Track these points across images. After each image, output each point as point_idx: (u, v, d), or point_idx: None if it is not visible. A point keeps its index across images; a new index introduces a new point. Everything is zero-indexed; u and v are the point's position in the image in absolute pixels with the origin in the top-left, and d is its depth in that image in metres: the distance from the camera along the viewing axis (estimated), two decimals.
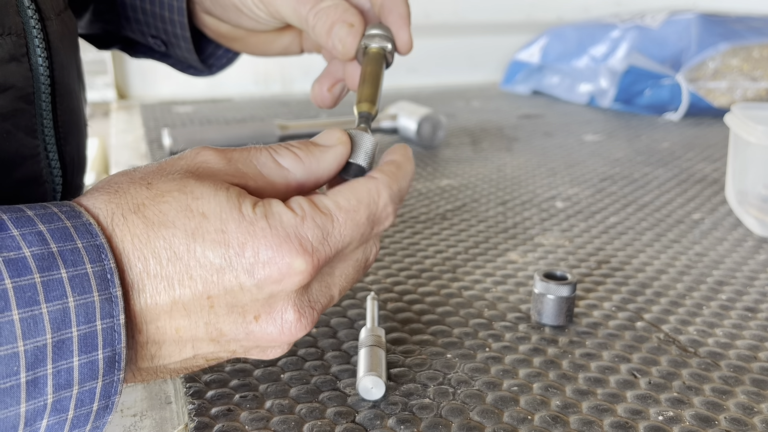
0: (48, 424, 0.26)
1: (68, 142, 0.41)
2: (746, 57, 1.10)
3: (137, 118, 1.09)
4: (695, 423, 0.34)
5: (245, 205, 0.28)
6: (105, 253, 0.26)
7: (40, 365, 0.24)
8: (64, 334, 0.25)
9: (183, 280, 0.28)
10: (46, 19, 0.38)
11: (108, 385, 0.26)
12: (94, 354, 0.26)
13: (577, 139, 0.97)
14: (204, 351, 0.30)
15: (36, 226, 0.26)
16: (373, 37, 0.45)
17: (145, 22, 0.55)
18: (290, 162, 0.32)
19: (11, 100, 0.36)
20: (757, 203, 0.62)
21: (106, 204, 0.28)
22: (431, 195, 0.70)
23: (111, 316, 0.26)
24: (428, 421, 0.33)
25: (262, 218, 0.28)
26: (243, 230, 0.28)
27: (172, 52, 0.57)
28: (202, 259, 0.28)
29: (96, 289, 0.26)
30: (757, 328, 0.43)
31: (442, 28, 1.46)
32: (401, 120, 0.90)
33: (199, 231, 0.28)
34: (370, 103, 0.41)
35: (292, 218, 0.29)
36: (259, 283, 0.28)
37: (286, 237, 0.28)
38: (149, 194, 0.28)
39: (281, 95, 1.32)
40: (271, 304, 0.29)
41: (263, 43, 0.55)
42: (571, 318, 0.44)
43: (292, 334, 0.30)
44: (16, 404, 0.24)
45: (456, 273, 0.51)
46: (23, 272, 0.24)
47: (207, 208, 0.28)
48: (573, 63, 1.25)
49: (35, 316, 0.24)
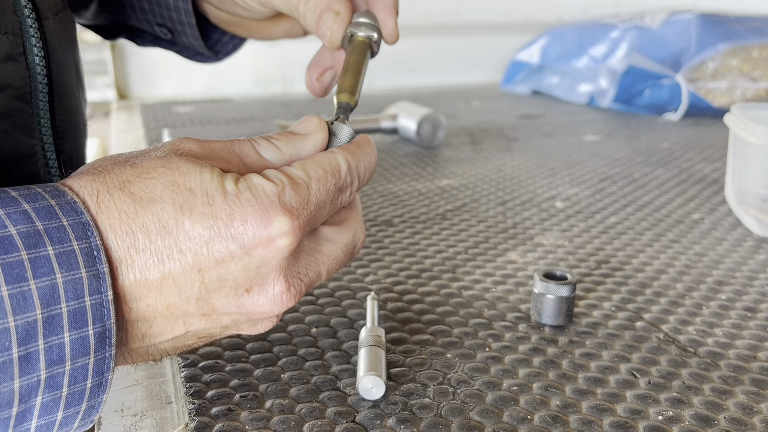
0: (43, 401, 0.26)
1: (66, 142, 0.41)
2: (746, 57, 1.10)
3: (137, 118, 1.09)
4: (695, 423, 0.34)
5: (228, 181, 0.29)
6: (90, 230, 0.27)
7: (32, 340, 0.25)
8: (54, 309, 0.25)
9: (172, 253, 0.28)
10: (43, 18, 0.38)
11: (100, 361, 0.27)
12: (84, 330, 0.26)
13: (576, 139, 0.97)
14: (196, 327, 0.30)
15: (21, 206, 0.26)
16: (359, 26, 0.45)
17: (150, 11, 0.55)
18: (271, 153, 0.33)
19: (8, 99, 0.36)
20: (757, 203, 0.62)
21: (91, 183, 0.28)
22: (431, 195, 0.70)
23: (99, 292, 0.26)
24: (428, 420, 0.33)
25: (246, 190, 0.29)
26: (230, 202, 0.29)
27: (178, 40, 0.57)
28: (191, 232, 0.28)
29: (83, 266, 0.26)
30: (756, 328, 0.44)
31: (442, 28, 1.46)
32: (401, 120, 0.90)
33: (187, 205, 0.28)
34: (350, 94, 0.41)
35: (274, 188, 0.30)
36: (247, 249, 0.29)
37: (271, 204, 0.29)
38: (134, 172, 0.29)
39: (281, 95, 1.32)
40: (262, 275, 0.30)
41: (265, 27, 0.56)
42: (570, 318, 0.44)
43: (283, 304, 0.31)
44: (9, 380, 0.24)
45: (456, 273, 0.51)
46: (10, 249, 0.25)
47: (193, 183, 0.29)
48: (573, 63, 1.25)
49: (24, 292, 0.24)
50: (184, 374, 0.37)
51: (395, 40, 0.47)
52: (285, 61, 1.34)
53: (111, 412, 0.36)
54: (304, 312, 0.44)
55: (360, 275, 0.50)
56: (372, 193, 0.71)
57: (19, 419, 0.25)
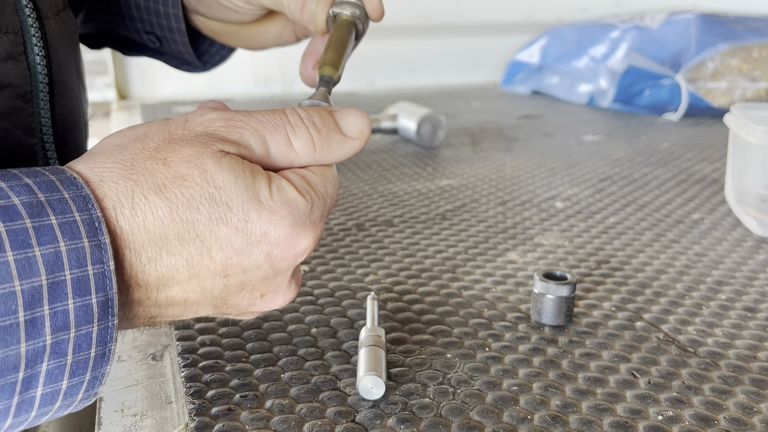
0: (48, 368, 0.26)
1: (67, 141, 0.42)
2: (746, 57, 1.10)
3: (138, 118, 1.09)
4: (695, 423, 0.34)
5: (263, 191, 0.30)
6: (91, 203, 0.27)
7: (37, 305, 0.25)
8: (58, 276, 0.25)
9: (203, 259, 0.29)
10: (44, 18, 0.38)
11: (103, 330, 0.27)
12: (87, 298, 0.26)
13: (576, 139, 0.97)
14: (201, 312, 0.32)
15: (22, 180, 0.26)
16: (342, 5, 0.45)
17: (139, 18, 0.55)
18: (303, 147, 0.32)
19: (9, 99, 0.36)
20: (757, 203, 0.62)
21: (125, 180, 0.28)
22: (431, 195, 0.70)
23: (101, 262, 0.27)
24: (428, 420, 0.33)
25: (282, 206, 0.30)
26: (264, 219, 0.30)
27: (166, 48, 0.57)
28: (225, 244, 0.29)
29: (85, 236, 0.26)
30: (756, 328, 0.44)
31: (443, 28, 1.46)
32: (401, 120, 0.90)
33: (223, 219, 0.29)
34: (333, 68, 0.41)
35: (305, 206, 0.31)
36: (273, 262, 0.31)
37: (303, 224, 0.31)
38: (168, 174, 0.29)
39: (281, 95, 1.32)
40: (278, 284, 0.32)
41: (255, 35, 0.55)
42: (570, 318, 0.44)
43: (286, 303, 0.33)
44: (16, 343, 0.25)
45: (456, 273, 0.51)
46: (14, 218, 0.25)
47: (230, 198, 0.29)
48: (573, 63, 1.25)
49: (29, 258, 0.25)
50: (184, 374, 0.37)
51: (380, 16, 0.47)
52: (285, 61, 1.34)
53: (111, 412, 0.36)
54: (304, 312, 0.44)
55: (360, 275, 0.50)
56: (372, 193, 0.71)
57: (25, 385, 0.26)
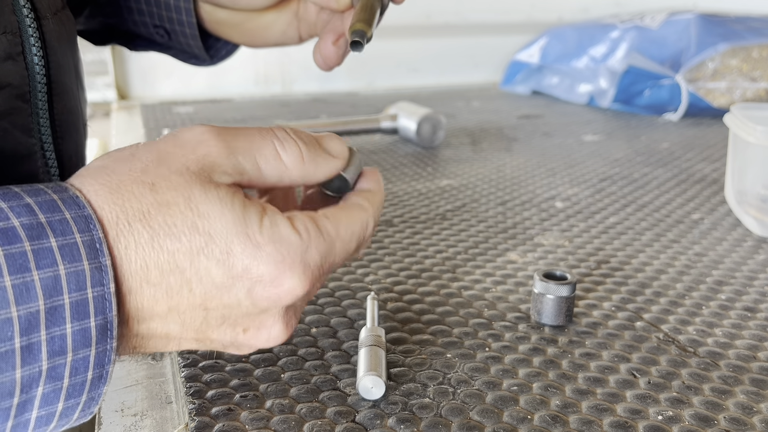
0: (44, 392, 0.26)
1: (66, 142, 0.42)
2: (745, 57, 1.10)
3: (137, 118, 1.09)
4: (695, 422, 0.34)
5: (251, 225, 0.29)
6: (93, 224, 0.27)
7: (34, 331, 0.25)
8: (56, 300, 0.25)
9: (182, 291, 0.28)
10: (42, 18, 0.38)
11: (101, 353, 0.27)
12: (86, 321, 0.26)
13: (576, 139, 0.97)
14: (185, 346, 0.31)
15: (23, 199, 0.26)
16: None
17: (148, 12, 0.55)
18: (292, 160, 0.32)
19: (7, 99, 0.36)
20: (757, 203, 0.62)
21: (110, 205, 0.28)
22: (431, 195, 0.70)
23: (101, 284, 0.26)
24: (428, 420, 0.33)
25: (269, 243, 0.29)
26: (248, 254, 0.28)
27: (175, 42, 0.57)
28: (204, 276, 0.28)
29: (86, 258, 0.26)
30: (756, 328, 0.44)
31: (443, 28, 1.46)
32: (401, 120, 0.90)
33: (205, 250, 0.28)
34: (366, 24, 0.40)
35: (299, 243, 0.29)
36: (256, 302, 0.29)
37: (291, 264, 0.29)
38: (153, 200, 0.28)
39: (281, 95, 1.32)
40: (262, 320, 0.31)
41: (260, 29, 0.55)
42: (570, 318, 0.44)
43: (275, 342, 0.32)
44: (11, 369, 0.25)
45: (456, 273, 0.51)
46: (13, 240, 0.25)
47: (213, 228, 0.28)
48: (573, 63, 1.25)
49: (27, 282, 0.25)
50: (184, 374, 0.37)
51: None
52: (285, 61, 1.34)
53: (111, 412, 0.36)
54: (304, 312, 0.44)
55: (360, 275, 0.50)
56: None
57: (19, 409, 0.26)
